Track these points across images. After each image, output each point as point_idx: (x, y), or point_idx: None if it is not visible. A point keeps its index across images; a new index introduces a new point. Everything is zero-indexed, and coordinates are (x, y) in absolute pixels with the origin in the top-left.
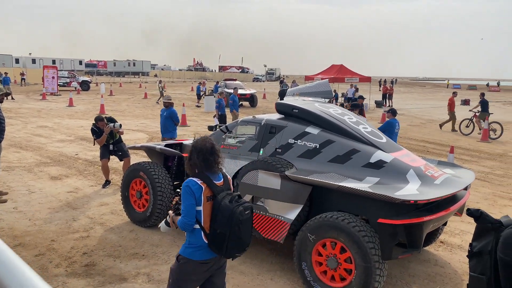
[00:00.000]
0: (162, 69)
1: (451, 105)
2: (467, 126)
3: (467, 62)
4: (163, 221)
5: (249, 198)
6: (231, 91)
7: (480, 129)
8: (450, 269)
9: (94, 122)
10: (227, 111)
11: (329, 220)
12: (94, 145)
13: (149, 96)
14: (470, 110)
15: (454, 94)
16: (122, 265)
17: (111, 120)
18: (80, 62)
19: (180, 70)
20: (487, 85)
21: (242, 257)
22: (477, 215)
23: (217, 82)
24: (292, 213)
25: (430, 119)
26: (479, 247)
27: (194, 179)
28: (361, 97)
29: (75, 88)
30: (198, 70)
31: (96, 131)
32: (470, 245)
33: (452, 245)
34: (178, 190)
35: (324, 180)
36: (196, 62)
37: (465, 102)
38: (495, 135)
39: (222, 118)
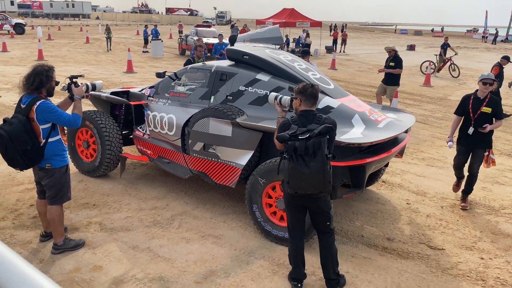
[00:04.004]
0: (104, 11)
1: None
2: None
3: (412, 8)
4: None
5: (201, 146)
6: (207, 40)
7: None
8: (390, 206)
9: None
10: None
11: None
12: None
13: (91, 40)
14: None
15: None
16: (72, 215)
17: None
18: (12, 2)
19: (124, 12)
20: (432, 30)
21: (195, 202)
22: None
23: (155, 26)
24: (243, 159)
25: (378, 64)
26: None
27: None
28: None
29: (8, 31)
30: (144, 12)
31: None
32: None
33: (393, 184)
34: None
35: (274, 126)
36: (140, 4)
37: (411, 48)
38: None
39: None
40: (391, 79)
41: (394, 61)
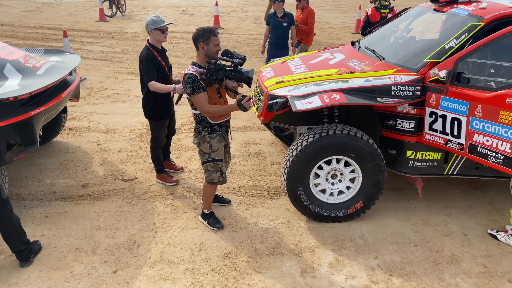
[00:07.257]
0: None
1: None
2: None
3: None
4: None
5: None
6: None
7: None
8: (81, 152)
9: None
10: None
11: None
12: None
13: None
14: None
15: None
16: None
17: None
18: None
19: None
20: None
21: None
22: None
23: None
24: None
25: (47, 2)
26: None
27: None
28: None
29: None
30: None
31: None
32: None
33: (80, 129)
34: None
35: None
36: None
37: None
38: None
39: None
40: None
41: None
